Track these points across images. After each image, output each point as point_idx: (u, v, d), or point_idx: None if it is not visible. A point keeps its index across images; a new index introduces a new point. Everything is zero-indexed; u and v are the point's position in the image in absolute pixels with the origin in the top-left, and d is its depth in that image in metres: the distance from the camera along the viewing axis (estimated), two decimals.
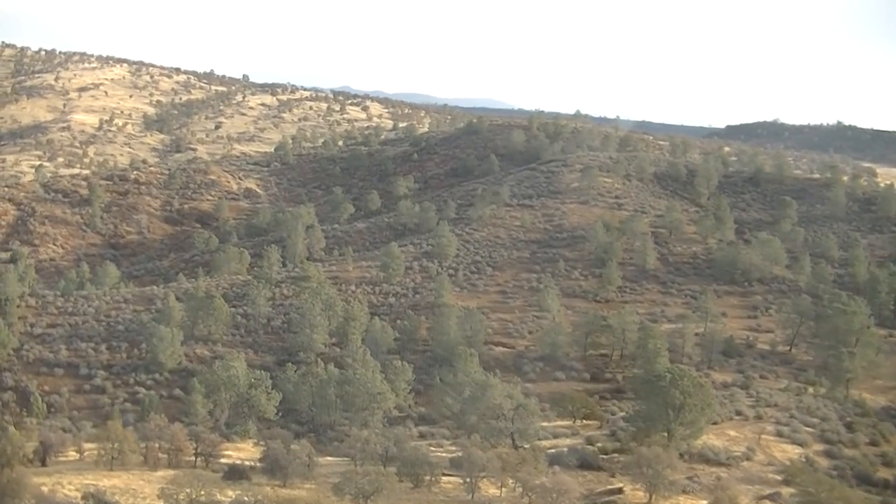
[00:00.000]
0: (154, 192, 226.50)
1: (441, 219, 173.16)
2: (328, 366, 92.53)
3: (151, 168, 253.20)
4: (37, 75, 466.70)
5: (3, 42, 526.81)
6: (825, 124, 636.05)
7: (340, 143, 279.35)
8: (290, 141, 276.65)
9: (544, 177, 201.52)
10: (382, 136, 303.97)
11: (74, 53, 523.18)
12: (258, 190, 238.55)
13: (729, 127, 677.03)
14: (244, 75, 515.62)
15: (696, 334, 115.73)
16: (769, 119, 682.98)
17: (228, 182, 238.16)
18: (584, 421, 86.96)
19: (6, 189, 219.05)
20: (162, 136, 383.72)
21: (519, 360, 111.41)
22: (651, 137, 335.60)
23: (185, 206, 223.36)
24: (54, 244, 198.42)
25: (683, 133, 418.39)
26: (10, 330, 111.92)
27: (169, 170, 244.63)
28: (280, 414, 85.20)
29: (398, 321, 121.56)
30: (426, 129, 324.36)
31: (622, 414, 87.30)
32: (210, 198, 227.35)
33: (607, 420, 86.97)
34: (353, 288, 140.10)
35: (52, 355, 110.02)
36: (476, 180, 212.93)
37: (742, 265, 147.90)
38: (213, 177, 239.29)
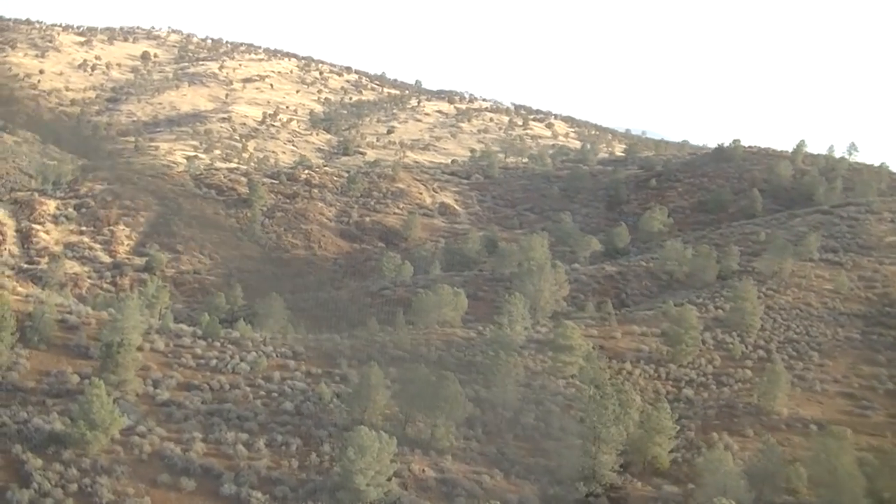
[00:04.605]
0: (328, 199, 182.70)
1: (725, 271, 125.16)
2: None
3: (326, 168, 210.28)
4: (200, 63, 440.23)
5: (169, 27, 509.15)
6: None
7: (549, 159, 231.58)
8: (494, 150, 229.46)
9: (846, 225, 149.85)
10: (599, 156, 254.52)
11: (241, 44, 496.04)
12: (456, 206, 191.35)
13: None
14: (417, 80, 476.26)
15: None
16: None
17: (421, 194, 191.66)
18: None
19: (150, 178, 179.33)
20: (328, 136, 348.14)
21: None
22: None
23: (367, 218, 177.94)
24: (201, 252, 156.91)
25: None
26: (119, 395, 69.23)
27: (347, 172, 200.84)
28: None
29: (713, 434, 77.16)
30: (650, 153, 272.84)
31: None
32: (398, 211, 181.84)
33: None
34: (627, 367, 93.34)
35: (181, 451, 65.80)
36: (748, 221, 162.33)
37: None
38: (401, 185, 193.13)
